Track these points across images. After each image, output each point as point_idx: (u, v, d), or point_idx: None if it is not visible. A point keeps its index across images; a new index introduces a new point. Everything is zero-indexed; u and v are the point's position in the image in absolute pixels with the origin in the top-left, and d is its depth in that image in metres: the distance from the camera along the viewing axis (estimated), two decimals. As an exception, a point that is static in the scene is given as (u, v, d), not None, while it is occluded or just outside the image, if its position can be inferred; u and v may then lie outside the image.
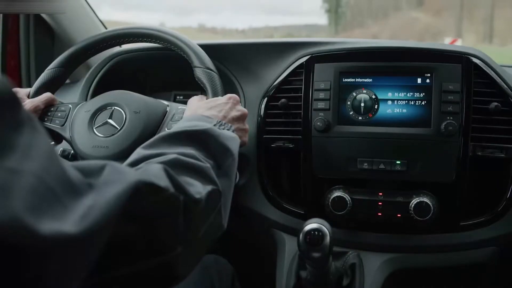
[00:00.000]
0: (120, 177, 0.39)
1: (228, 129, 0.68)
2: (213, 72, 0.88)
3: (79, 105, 0.89)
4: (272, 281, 0.96)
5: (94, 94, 1.03)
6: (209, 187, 0.54)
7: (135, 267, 0.42)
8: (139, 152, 0.55)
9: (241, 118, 0.76)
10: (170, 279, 0.48)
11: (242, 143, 0.74)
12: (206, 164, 0.56)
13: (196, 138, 0.60)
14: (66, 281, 0.33)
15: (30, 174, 0.30)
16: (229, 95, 0.78)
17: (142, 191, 0.40)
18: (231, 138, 0.65)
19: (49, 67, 0.94)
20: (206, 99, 0.81)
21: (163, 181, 0.45)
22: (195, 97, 0.82)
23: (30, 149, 0.32)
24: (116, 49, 1.12)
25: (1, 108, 0.31)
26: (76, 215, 0.33)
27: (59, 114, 0.88)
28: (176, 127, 0.63)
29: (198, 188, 0.51)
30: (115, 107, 0.85)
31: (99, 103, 0.87)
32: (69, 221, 0.32)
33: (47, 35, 1.27)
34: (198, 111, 0.73)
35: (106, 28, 1.30)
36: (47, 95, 0.89)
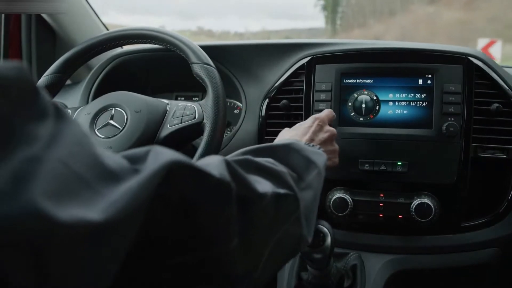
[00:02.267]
0: (156, 158, 0.36)
1: (313, 148, 0.65)
2: (211, 67, 0.88)
3: (79, 109, 0.90)
4: (273, 282, 0.95)
5: (96, 96, 1.03)
6: (282, 190, 0.50)
7: (181, 260, 0.39)
8: (180, 157, 0.52)
9: (329, 139, 0.73)
10: (229, 279, 0.44)
11: (332, 164, 0.73)
12: (282, 169, 0.54)
13: (276, 151, 0.58)
14: (92, 275, 0.30)
15: (54, 160, 0.28)
16: (314, 116, 0.76)
17: (177, 173, 0.36)
18: (317, 153, 0.62)
19: (45, 74, 0.93)
20: (207, 94, 0.81)
21: (210, 168, 0.41)
22: (283, 130, 0.78)
23: (55, 138, 0.30)
24: (118, 50, 1.12)
25: (19, 95, 0.29)
26: (108, 202, 0.30)
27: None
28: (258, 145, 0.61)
29: (265, 186, 0.48)
30: (116, 108, 0.86)
31: (99, 105, 0.87)
32: (97, 208, 0.29)
33: (49, 36, 1.27)
34: (283, 136, 0.72)
35: (107, 29, 1.30)
36: None
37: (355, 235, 0.93)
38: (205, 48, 0.92)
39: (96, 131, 0.84)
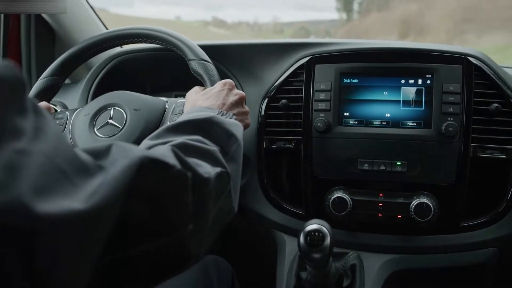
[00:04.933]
0: (126, 154, 0.39)
1: (230, 118, 0.69)
2: (208, 63, 0.88)
3: (77, 111, 0.90)
4: (272, 282, 0.96)
5: (95, 95, 1.03)
6: (218, 169, 0.55)
7: (146, 246, 0.42)
8: (145, 143, 0.56)
9: (239, 102, 0.76)
10: (183, 260, 0.48)
11: (245, 126, 0.76)
12: (213, 147, 0.58)
13: (200, 126, 0.61)
14: (78, 260, 0.33)
15: (40, 154, 0.31)
16: (223, 81, 0.79)
17: (147, 167, 0.40)
18: (235, 125, 0.67)
19: (41, 77, 0.93)
20: (203, 89, 0.82)
21: (170, 159, 0.45)
22: (191, 90, 0.82)
23: (39, 132, 0.32)
24: (117, 49, 1.12)
25: (10, 92, 0.31)
26: (85, 194, 0.33)
27: (57, 122, 0.88)
28: (179, 119, 0.64)
29: (207, 169, 0.52)
30: (115, 107, 0.86)
31: (97, 105, 0.87)
32: (78, 199, 0.32)
33: (48, 36, 1.27)
34: (197, 103, 0.74)
35: (106, 28, 1.30)
36: (43, 104, 0.89)
37: (354, 234, 0.93)
38: (205, 47, 0.92)
39: (96, 131, 0.84)
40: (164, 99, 0.89)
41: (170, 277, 0.48)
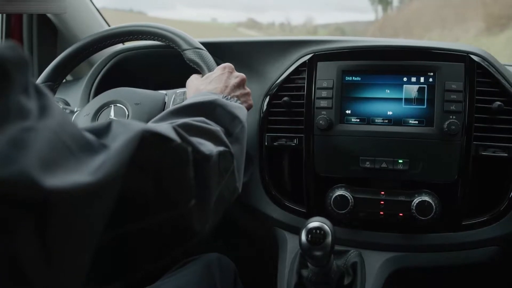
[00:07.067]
0: (126, 128, 0.40)
1: (234, 102, 0.70)
2: (202, 51, 0.88)
3: (76, 113, 0.89)
4: (274, 280, 0.96)
5: (97, 92, 1.03)
6: (220, 148, 0.55)
7: (149, 220, 0.42)
8: (149, 125, 0.57)
9: (241, 84, 0.78)
10: (187, 236, 0.49)
11: (248, 107, 0.77)
12: (216, 127, 0.58)
13: (204, 108, 0.62)
14: (86, 235, 0.34)
15: (47, 129, 0.31)
16: (222, 65, 0.80)
17: (148, 140, 0.40)
18: (238, 107, 0.68)
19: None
20: (202, 76, 0.82)
21: (170, 134, 0.45)
22: (191, 77, 0.83)
23: (44, 110, 0.33)
24: (119, 46, 1.12)
25: (14, 72, 0.31)
26: (91, 168, 0.34)
27: None
28: (183, 102, 0.65)
29: (208, 147, 0.52)
30: (115, 104, 0.86)
31: (97, 104, 0.87)
32: (84, 173, 0.33)
33: (50, 33, 1.27)
34: (200, 88, 0.75)
35: (108, 25, 1.30)
36: None
37: (356, 232, 0.93)
38: (207, 44, 0.91)
39: None
40: (163, 91, 0.89)
41: (175, 254, 0.48)
